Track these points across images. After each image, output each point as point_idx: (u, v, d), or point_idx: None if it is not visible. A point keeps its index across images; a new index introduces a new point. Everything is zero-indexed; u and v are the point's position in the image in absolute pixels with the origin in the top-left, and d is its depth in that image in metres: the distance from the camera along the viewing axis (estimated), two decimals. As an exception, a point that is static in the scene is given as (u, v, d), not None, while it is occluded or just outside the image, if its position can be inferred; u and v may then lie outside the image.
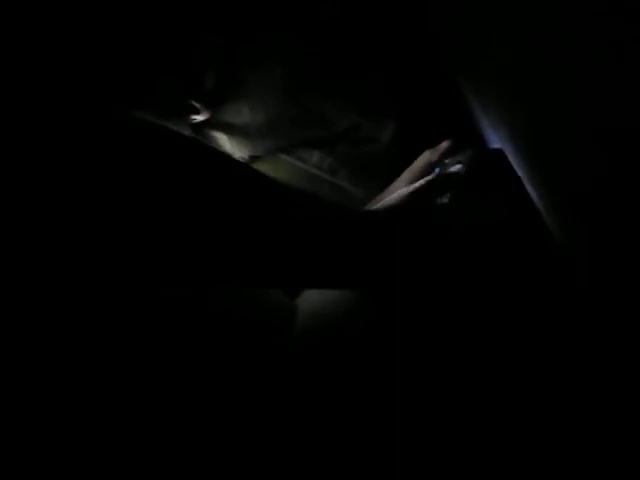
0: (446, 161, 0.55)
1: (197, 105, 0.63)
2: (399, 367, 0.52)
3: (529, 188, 0.55)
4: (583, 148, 0.43)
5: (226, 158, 0.44)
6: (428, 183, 0.51)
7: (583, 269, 0.51)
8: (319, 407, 0.53)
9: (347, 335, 0.53)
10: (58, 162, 0.35)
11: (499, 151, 0.56)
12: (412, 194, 0.50)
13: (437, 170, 0.55)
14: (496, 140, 0.62)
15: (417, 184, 0.51)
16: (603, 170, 0.41)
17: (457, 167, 0.53)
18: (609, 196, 0.41)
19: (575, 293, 0.52)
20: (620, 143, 0.37)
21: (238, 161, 0.45)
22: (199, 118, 0.64)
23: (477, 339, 0.52)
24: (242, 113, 0.66)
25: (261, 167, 0.69)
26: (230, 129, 0.66)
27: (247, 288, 0.51)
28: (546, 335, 0.52)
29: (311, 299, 0.55)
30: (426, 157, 0.57)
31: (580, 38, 0.37)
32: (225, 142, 0.67)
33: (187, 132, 0.65)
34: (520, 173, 0.55)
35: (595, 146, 0.41)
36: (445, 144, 0.57)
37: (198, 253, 0.39)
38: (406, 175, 0.58)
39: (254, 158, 0.69)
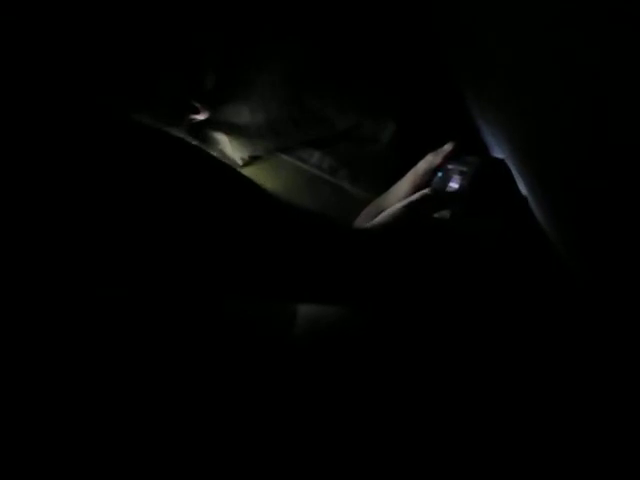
0: (449, 166, 0.55)
1: (197, 105, 0.63)
2: (398, 370, 0.53)
3: (528, 191, 0.55)
4: (583, 148, 0.43)
5: (223, 166, 0.43)
6: (423, 197, 0.51)
7: (584, 276, 0.51)
8: (318, 409, 0.53)
9: (346, 338, 0.53)
10: (57, 165, 0.35)
11: (502, 162, 0.56)
12: (406, 208, 0.50)
13: (440, 174, 0.55)
14: (495, 141, 0.62)
15: (411, 198, 0.51)
16: (603, 170, 0.41)
17: (459, 179, 0.53)
18: (609, 197, 0.41)
19: (576, 304, 0.52)
20: (620, 143, 0.37)
21: (236, 171, 0.45)
22: (199, 118, 0.64)
23: (475, 347, 0.52)
24: (242, 113, 0.66)
25: (261, 167, 0.69)
26: (230, 129, 0.66)
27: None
28: (547, 346, 0.53)
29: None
30: (429, 160, 0.57)
31: (580, 38, 0.37)
32: (225, 142, 0.67)
33: (186, 133, 0.65)
34: (519, 175, 0.55)
35: (595, 146, 0.41)
36: (448, 147, 0.57)
37: (190, 261, 0.39)
38: (409, 178, 0.57)
39: (254, 158, 0.69)
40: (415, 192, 0.54)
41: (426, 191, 0.52)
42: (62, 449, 0.46)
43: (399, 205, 0.50)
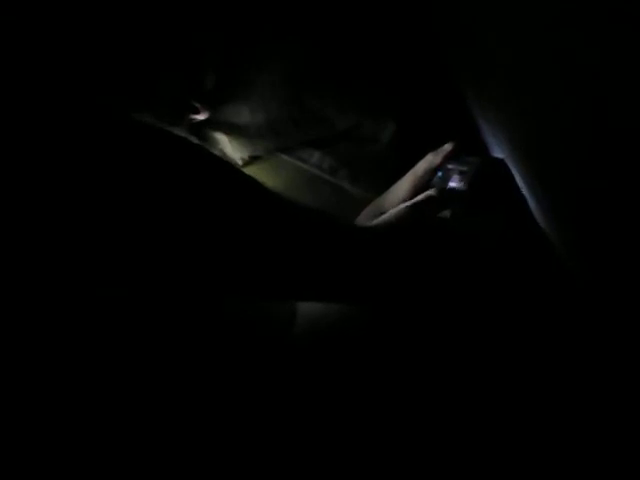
0: (449, 166, 0.55)
1: (197, 105, 0.63)
2: (398, 370, 0.53)
3: (528, 191, 0.55)
4: (583, 148, 0.43)
5: (225, 164, 0.43)
6: (428, 198, 0.51)
7: (584, 276, 0.51)
8: (318, 409, 0.53)
9: (346, 338, 0.53)
10: (58, 164, 0.35)
11: (502, 162, 0.56)
12: (411, 209, 0.50)
13: (439, 174, 0.55)
14: (495, 141, 0.62)
15: (416, 199, 0.51)
16: (603, 170, 0.41)
17: (459, 179, 0.53)
18: (609, 197, 0.41)
19: (576, 304, 0.52)
20: (620, 143, 0.37)
21: (237, 169, 0.45)
22: (199, 118, 0.64)
23: (476, 347, 0.52)
24: (242, 113, 0.66)
25: (261, 167, 0.68)
26: (230, 129, 0.66)
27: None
28: (547, 346, 0.53)
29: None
30: (429, 160, 0.57)
31: (580, 38, 0.37)
32: (225, 142, 0.67)
33: (186, 133, 0.65)
34: (519, 175, 0.55)
35: (595, 146, 0.41)
36: (448, 147, 0.57)
37: (190, 259, 0.39)
38: (409, 177, 0.57)
39: (254, 158, 0.69)
40: (415, 192, 0.55)
41: (431, 192, 0.52)
42: (62, 449, 0.46)
43: (403, 205, 0.50)
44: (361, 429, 0.52)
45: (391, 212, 0.50)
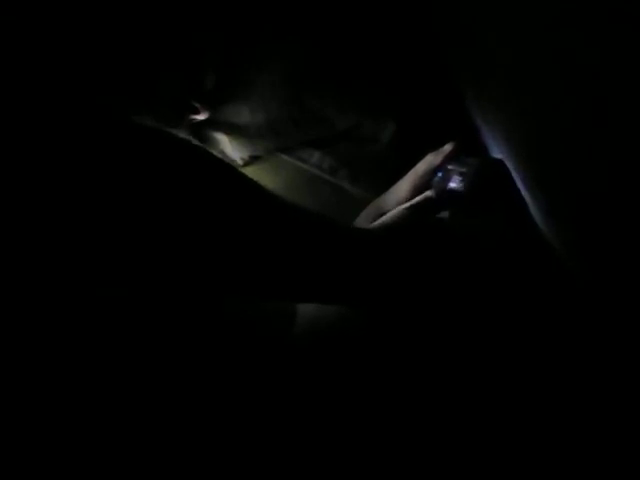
0: (449, 167, 0.55)
1: (197, 105, 0.63)
2: (398, 370, 0.53)
3: (528, 192, 0.55)
4: (583, 148, 0.43)
5: (226, 166, 0.43)
6: (426, 199, 0.51)
7: (584, 276, 0.51)
8: (318, 409, 0.53)
9: (346, 338, 0.53)
10: (58, 165, 0.35)
11: (501, 163, 0.56)
12: (409, 210, 0.50)
13: (439, 175, 0.55)
14: (495, 142, 0.62)
15: (414, 201, 0.51)
16: (603, 171, 0.41)
17: (459, 180, 0.53)
18: (609, 198, 0.41)
19: (576, 304, 0.52)
20: (620, 143, 0.37)
21: (237, 170, 0.45)
22: (199, 118, 0.64)
23: (475, 348, 0.52)
24: (242, 113, 0.66)
25: (261, 167, 0.69)
26: (230, 129, 0.66)
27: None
28: (547, 347, 0.53)
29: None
30: (429, 161, 0.57)
31: (580, 38, 0.37)
32: (225, 142, 0.67)
33: (185, 133, 0.65)
34: (519, 176, 0.55)
35: (595, 146, 0.41)
36: (448, 147, 0.57)
37: (190, 260, 0.39)
38: (409, 178, 0.57)
39: (254, 158, 0.69)
40: (415, 192, 0.55)
41: (429, 193, 0.52)
42: (62, 449, 0.46)
43: (402, 207, 0.50)
44: (361, 429, 0.52)
45: (389, 214, 0.50)
